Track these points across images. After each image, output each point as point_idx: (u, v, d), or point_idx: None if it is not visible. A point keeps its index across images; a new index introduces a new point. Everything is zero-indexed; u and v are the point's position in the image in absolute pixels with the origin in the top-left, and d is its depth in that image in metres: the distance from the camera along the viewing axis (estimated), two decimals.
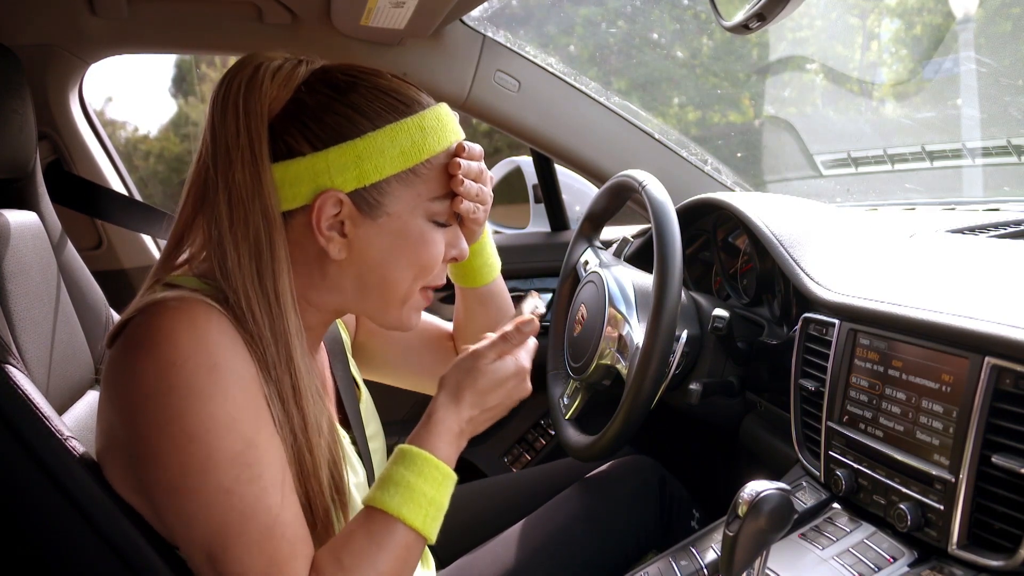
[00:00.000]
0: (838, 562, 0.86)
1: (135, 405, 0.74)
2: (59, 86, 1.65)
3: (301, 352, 0.80)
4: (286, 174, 0.80)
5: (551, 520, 1.17)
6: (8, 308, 0.97)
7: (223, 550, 0.73)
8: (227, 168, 0.79)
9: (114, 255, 1.79)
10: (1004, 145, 1.75)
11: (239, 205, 0.79)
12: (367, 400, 1.05)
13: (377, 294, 0.86)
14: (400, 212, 0.83)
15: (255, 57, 0.83)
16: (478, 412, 0.86)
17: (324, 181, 0.80)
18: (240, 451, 0.73)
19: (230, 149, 0.79)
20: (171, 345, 0.72)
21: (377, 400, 1.10)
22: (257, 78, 0.80)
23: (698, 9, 4.84)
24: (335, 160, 0.80)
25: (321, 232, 0.81)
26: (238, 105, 0.79)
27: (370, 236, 0.83)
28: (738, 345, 1.21)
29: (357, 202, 0.82)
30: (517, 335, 0.87)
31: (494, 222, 2.09)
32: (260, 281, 0.78)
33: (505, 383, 0.86)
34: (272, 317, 0.78)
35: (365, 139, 0.81)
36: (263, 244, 0.79)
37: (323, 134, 0.80)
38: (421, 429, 0.84)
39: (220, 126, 0.80)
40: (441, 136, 0.85)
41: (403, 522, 0.78)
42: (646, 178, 1.20)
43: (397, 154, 0.82)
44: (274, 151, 0.80)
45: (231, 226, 0.79)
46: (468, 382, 0.85)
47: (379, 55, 1.64)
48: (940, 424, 0.82)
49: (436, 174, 0.85)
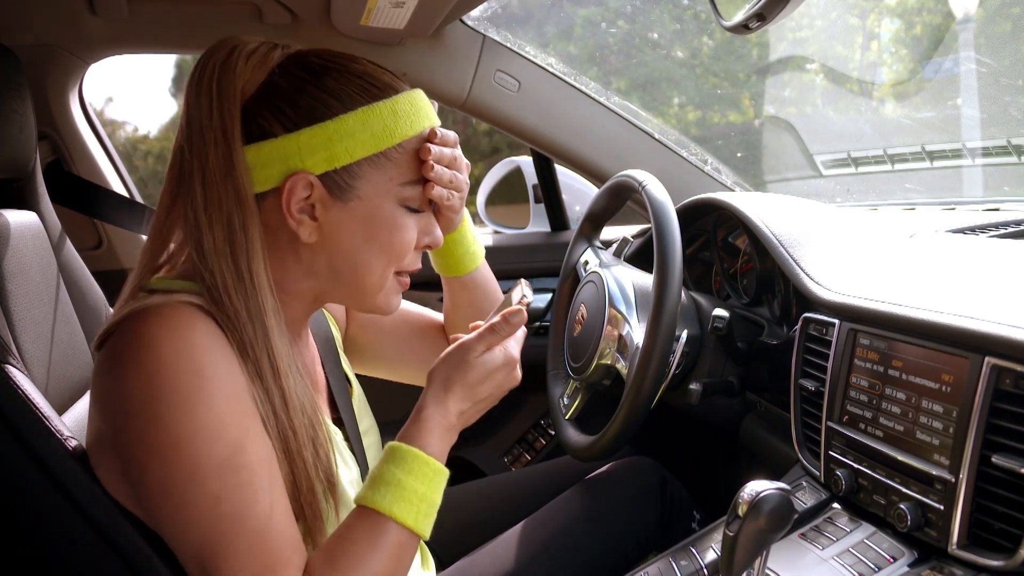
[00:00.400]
0: (838, 562, 0.86)
1: (122, 414, 0.74)
2: (59, 86, 1.65)
3: (279, 332, 0.80)
4: (258, 156, 0.80)
5: (552, 521, 1.17)
6: (8, 308, 0.97)
7: (214, 556, 0.73)
8: (201, 149, 0.79)
9: (114, 255, 1.79)
10: (1004, 145, 1.75)
11: (212, 186, 0.79)
12: (359, 396, 1.05)
13: (350, 279, 0.86)
14: (371, 195, 0.83)
15: (230, 40, 0.83)
16: (469, 405, 0.85)
17: (295, 163, 0.80)
18: (228, 455, 0.73)
19: (203, 130, 0.79)
20: (154, 353, 0.72)
21: (373, 399, 1.10)
22: (231, 60, 0.81)
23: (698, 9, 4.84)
24: (306, 142, 0.80)
25: (291, 214, 0.81)
26: (212, 87, 0.80)
27: (341, 220, 0.83)
28: (738, 345, 1.21)
29: (328, 185, 0.82)
30: (506, 326, 0.86)
31: (494, 222, 2.09)
32: (235, 262, 0.79)
33: (494, 375, 0.85)
34: (247, 297, 0.78)
35: (336, 121, 0.81)
36: (236, 225, 0.79)
37: (295, 116, 0.81)
38: (411, 426, 0.83)
39: (194, 107, 0.80)
40: (414, 121, 0.85)
41: (395, 520, 0.78)
42: (646, 178, 1.20)
43: (368, 137, 0.82)
44: (247, 133, 0.80)
45: (205, 207, 0.79)
46: (457, 376, 0.84)
47: (379, 55, 1.64)
48: (940, 424, 0.82)
49: (408, 159, 0.85)
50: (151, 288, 0.81)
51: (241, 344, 0.77)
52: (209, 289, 0.78)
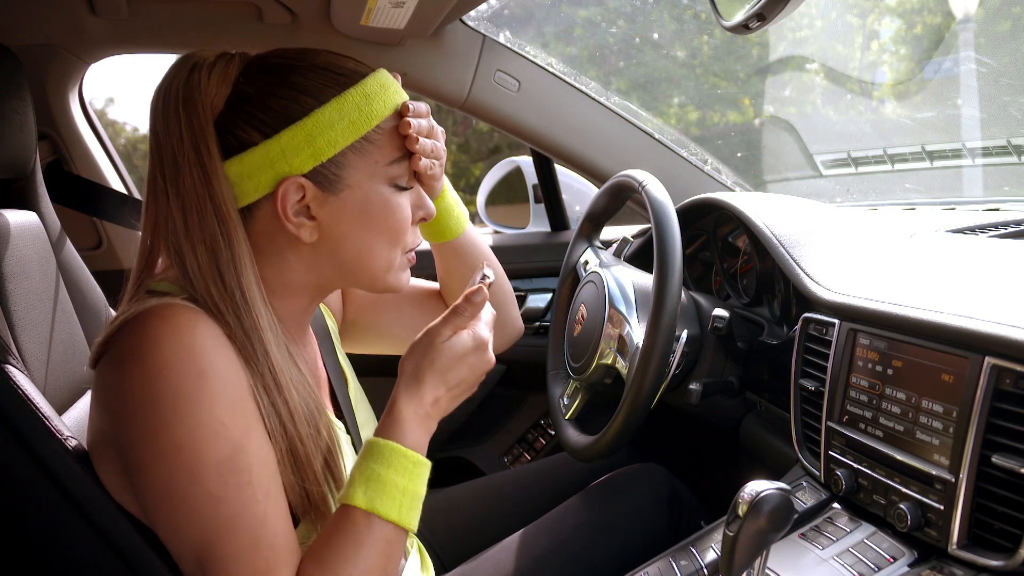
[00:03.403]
0: (838, 562, 0.86)
1: (124, 415, 0.74)
2: (59, 86, 1.65)
3: (276, 344, 0.80)
4: (242, 167, 0.80)
5: (556, 528, 1.16)
6: (8, 308, 0.97)
7: (212, 557, 0.73)
8: (175, 174, 0.79)
9: (114, 255, 1.79)
10: (1004, 145, 1.75)
11: (191, 209, 0.79)
12: (355, 386, 1.05)
13: (358, 267, 0.87)
14: (360, 182, 0.84)
15: (188, 59, 0.83)
16: (443, 391, 0.83)
17: (282, 167, 0.81)
18: (228, 456, 0.73)
19: (176, 155, 0.79)
20: (156, 354, 0.73)
21: (374, 393, 1.09)
22: (193, 79, 0.80)
23: (698, 9, 4.84)
24: (288, 143, 0.80)
25: (289, 220, 0.82)
26: (178, 109, 0.79)
27: (337, 212, 0.83)
28: (738, 345, 1.21)
29: (318, 181, 0.82)
30: (468, 306, 0.85)
31: (494, 222, 2.09)
32: (223, 280, 0.78)
33: (465, 358, 0.84)
34: (240, 315, 0.78)
35: (313, 116, 0.81)
36: (220, 244, 0.79)
37: (271, 120, 0.81)
38: (385, 419, 0.82)
39: (163, 134, 0.80)
40: (386, 100, 0.85)
41: (379, 516, 0.78)
42: (646, 178, 1.21)
43: (347, 125, 0.82)
44: (224, 147, 0.80)
45: (186, 232, 0.79)
46: (426, 363, 0.83)
47: (379, 55, 1.64)
48: (940, 424, 0.82)
49: (388, 138, 0.85)
50: (152, 290, 0.81)
51: (245, 359, 0.78)
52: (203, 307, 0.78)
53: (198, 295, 0.78)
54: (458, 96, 1.70)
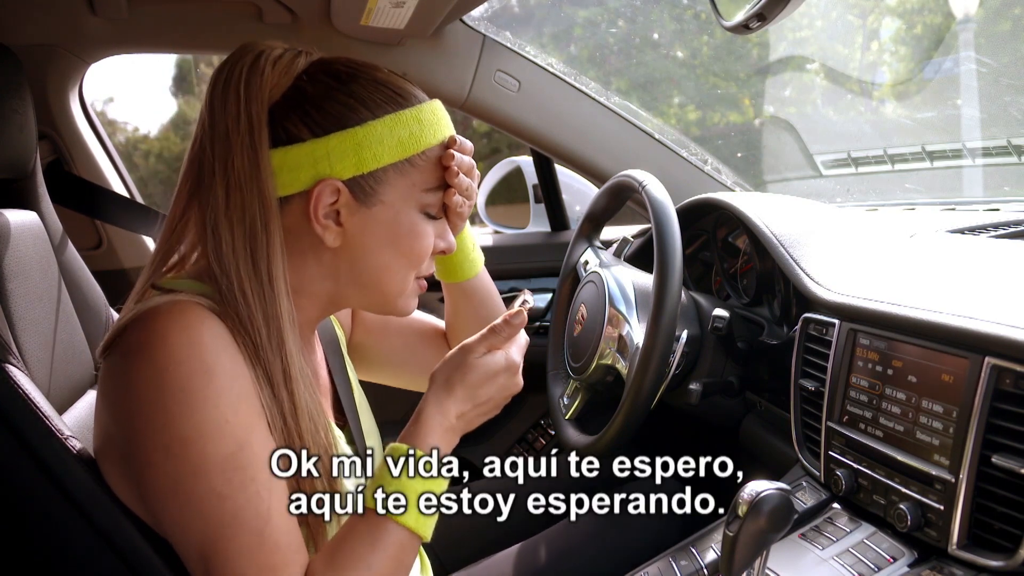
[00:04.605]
0: (838, 562, 0.86)
1: (130, 410, 0.74)
2: (59, 86, 1.65)
3: (293, 337, 0.81)
4: (285, 160, 0.81)
5: (561, 539, 1.16)
6: (8, 308, 0.97)
7: (216, 555, 0.73)
8: (226, 153, 0.80)
9: (114, 255, 1.79)
10: (1004, 145, 1.74)
11: (236, 190, 0.79)
12: (360, 397, 1.05)
13: (372, 283, 0.87)
14: (394, 201, 0.84)
15: (256, 44, 0.84)
16: (469, 407, 0.84)
17: (323, 168, 0.81)
18: (232, 453, 0.73)
19: (229, 133, 0.80)
20: (164, 350, 0.73)
21: (375, 399, 1.10)
22: (259, 65, 0.81)
23: (698, 9, 4.84)
24: (335, 147, 0.81)
25: (318, 220, 0.82)
26: (239, 90, 0.80)
27: (364, 224, 0.84)
28: (738, 345, 1.21)
29: (354, 190, 0.82)
30: (506, 327, 0.86)
31: (494, 222, 2.09)
32: (254, 264, 0.79)
33: (495, 377, 0.85)
34: (265, 301, 0.79)
35: (365, 127, 0.82)
36: (258, 228, 0.79)
37: (324, 121, 0.82)
38: (411, 426, 0.83)
39: (220, 111, 0.81)
40: (437, 129, 0.86)
41: (395, 521, 0.78)
42: (646, 178, 1.21)
43: (395, 144, 0.83)
44: (273, 137, 0.81)
45: (227, 210, 0.79)
46: (458, 376, 0.84)
47: (379, 55, 1.64)
48: (940, 424, 0.82)
49: (430, 166, 0.86)
50: (161, 287, 0.81)
51: (252, 347, 0.78)
52: (223, 291, 0.78)
53: (224, 276, 0.78)
54: (458, 96, 1.70)
